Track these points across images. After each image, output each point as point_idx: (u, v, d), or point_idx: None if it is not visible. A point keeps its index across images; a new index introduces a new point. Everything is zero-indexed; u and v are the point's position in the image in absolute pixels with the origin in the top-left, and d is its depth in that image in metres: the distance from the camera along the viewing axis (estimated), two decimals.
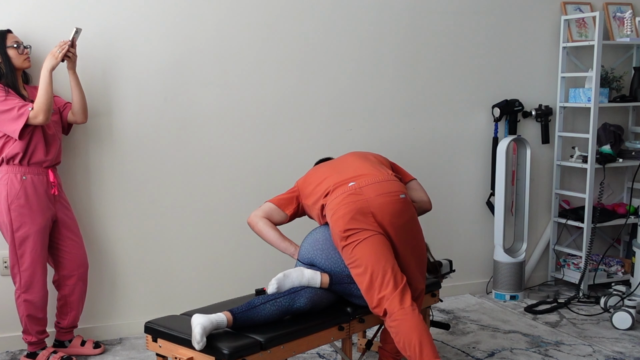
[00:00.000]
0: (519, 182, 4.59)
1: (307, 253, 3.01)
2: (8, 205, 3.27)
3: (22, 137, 3.25)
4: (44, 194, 3.36)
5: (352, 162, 3.11)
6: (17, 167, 3.30)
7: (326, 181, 3.03)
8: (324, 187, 3.02)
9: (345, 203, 2.86)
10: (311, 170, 3.23)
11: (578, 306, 4.35)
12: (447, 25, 4.37)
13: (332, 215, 2.89)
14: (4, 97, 3.22)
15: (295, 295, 2.78)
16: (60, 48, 3.29)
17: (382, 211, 2.84)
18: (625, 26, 4.59)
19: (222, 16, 3.86)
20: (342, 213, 2.85)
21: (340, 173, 3.03)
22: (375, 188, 2.89)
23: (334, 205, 2.90)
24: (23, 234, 3.30)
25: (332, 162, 3.24)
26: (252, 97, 3.97)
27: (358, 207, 2.84)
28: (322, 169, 3.17)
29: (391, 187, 2.92)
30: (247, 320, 2.66)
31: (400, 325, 2.71)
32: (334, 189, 2.96)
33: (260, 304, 2.70)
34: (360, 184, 2.91)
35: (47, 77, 3.25)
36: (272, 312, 2.71)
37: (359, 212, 2.83)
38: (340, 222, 2.83)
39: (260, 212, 3.12)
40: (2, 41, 3.29)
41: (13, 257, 3.34)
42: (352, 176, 2.98)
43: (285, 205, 3.14)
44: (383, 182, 2.92)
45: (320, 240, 3.01)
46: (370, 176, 2.95)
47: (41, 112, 3.21)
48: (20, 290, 3.35)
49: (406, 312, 2.71)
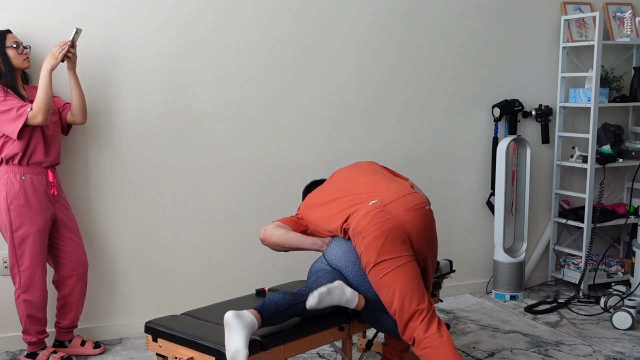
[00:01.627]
0: (519, 182, 4.59)
1: (338, 260, 2.89)
2: (7, 205, 3.27)
3: (21, 137, 3.24)
4: (43, 194, 3.35)
5: (357, 178, 2.97)
6: (16, 167, 3.30)
7: (338, 204, 2.87)
8: (338, 210, 2.84)
9: (375, 224, 2.69)
10: (311, 197, 3.06)
11: (578, 306, 4.35)
12: (447, 25, 4.37)
13: (361, 239, 2.71)
14: (3, 97, 3.22)
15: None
16: (60, 48, 3.29)
17: (414, 227, 2.74)
18: (625, 26, 4.59)
19: (222, 16, 3.86)
20: (374, 236, 2.68)
21: (352, 193, 2.86)
22: (401, 203, 2.76)
23: (361, 227, 2.71)
24: (22, 234, 3.30)
25: (331, 183, 3.06)
26: (251, 97, 3.97)
27: (390, 227, 2.68)
28: (324, 192, 3.00)
29: (416, 199, 2.80)
30: (273, 322, 2.62)
31: (430, 354, 2.66)
32: (353, 212, 2.78)
33: (289, 308, 2.63)
34: (384, 201, 2.76)
35: (47, 77, 3.24)
36: (296, 314, 2.68)
37: (392, 233, 2.68)
38: (373, 249, 2.67)
39: (271, 224, 2.99)
40: (1, 41, 3.29)
41: (12, 257, 3.33)
42: (367, 192, 2.83)
43: (294, 227, 2.98)
44: (406, 197, 2.79)
45: (354, 253, 2.86)
46: (390, 191, 2.81)
47: (40, 112, 3.21)
48: (20, 290, 3.35)
49: (433, 340, 2.65)
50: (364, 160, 3.28)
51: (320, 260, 2.98)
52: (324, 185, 3.11)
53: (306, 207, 3.04)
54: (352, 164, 3.21)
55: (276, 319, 2.61)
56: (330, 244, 2.95)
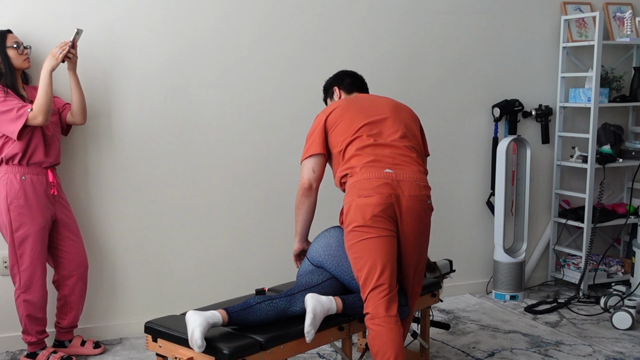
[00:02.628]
0: (519, 182, 4.59)
1: (318, 255, 2.98)
2: (7, 205, 3.27)
3: (21, 137, 3.25)
4: (43, 194, 3.35)
5: (389, 128, 2.92)
6: (16, 167, 3.30)
7: (360, 145, 2.84)
8: (355, 154, 2.84)
9: (380, 193, 2.72)
10: (342, 108, 2.95)
11: (578, 306, 4.35)
12: (447, 25, 4.37)
13: (360, 194, 2.75)
14: (3, 97, 3.22)
15: (292, 299, 2.77)
16: (61, 49, 3.28)
17: (408, 214, 2.76)
18: (625, 26, 4.59)
19: (222, 16, 3.86)
20: (375, 201, 2.71)
21: (377, 143, 2.85)
22: (411, 187, 2.77)
23: (367, 186, 2.75)
24: (22, 234, 3.30)
25: (368, 110, 2.96)
26: (251, 98, 3.97)
27: (389, 202, 2.72)
28: (356, 114, 2.92)
29: (423, 189, 2.82)
30: (242, 319, 2.65)
31: (381, 333, 2.68)
32: (364, 164, 2.80)
33: (256, 304, 2.69)
34: (398, 177, 2.78)
35: (47, 77, 3.24)
36: (268, 313, 2.70)
37: (390, 209, 2.73)
38: (369, 211, 2.70)
39: (306, 174, 2.94)
40: (2, 41, 3.29)
41: (12, 257, 3.33)
42: (389, 155, 2.82)
43: (321, 149, 2.95)
44: (419, 182, 2.81)
45: (333, 246, 2.97)
46: (409, 168, 2.81)
47: (40, 113, 3.21)
48: (20, 290, 3.35)
49: (391, 322, 2.68)
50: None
51: (304, 262, 3.07)
52: (363, 108, 2.99)
53: (336, 123, 2.94)
54: (399, 106, 3.11)
55: (246, 313, 2.65)
56: (311, 245, 3.04)
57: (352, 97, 3.19)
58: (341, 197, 2.88)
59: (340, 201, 2.89)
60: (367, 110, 2.97)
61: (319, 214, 3.10)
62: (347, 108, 2.98)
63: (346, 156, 2.87)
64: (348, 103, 3.03)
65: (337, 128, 2.92)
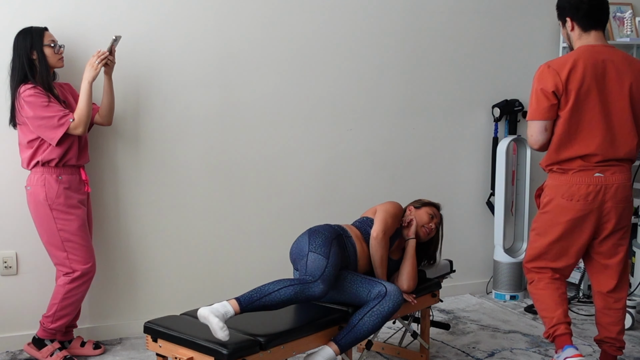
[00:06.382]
0: (519, 182, 4.59)
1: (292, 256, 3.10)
2: (49, 205, 3.29)
3: (60, 144, 3.28)
4: (79, 192, 3.39)
5: (616, 135, 2.96)
6: (52, 169, 3.32)
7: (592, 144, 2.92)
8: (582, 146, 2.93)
9: (584, 202, 2.94)
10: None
11: (578, 306, 4.35)
12: (447, 25, 4.37)
13: (570, 188, 2.94)
14: (47, 102, 3.23)
15: (308, 286, 2.79)
16: (98, 58, 3.31)
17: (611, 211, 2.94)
18: (625, 26, 4.59)
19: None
20: (579, 207, 2.93)
21: (607, 149, 2.92)
22: (614, 196, 2.94)
23: (580, 182, 2.92)
24: (68, 232, 3.32)
25: (607, 118, 2.94)
26: (250, 98, 3.96)
27: (590, 209, 2.94)
28: (597, 124, 2.93)
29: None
30: (256, 309, 2.68)
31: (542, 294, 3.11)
32: (585, 163, 2.92)
33: (273, 292, 2.71)
34: (607, 181, 2.91)
35: (88, 89, 3.29)
36: (283, 298, 2.73)
37: (591, 214, 2.95)
38: (571, 211, 2.94)
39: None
40: (39, 38, 3.29)
41: (59, 254, 3.33)
42: (603, 160, 2.91)
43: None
44: (620, 189, 2.97)
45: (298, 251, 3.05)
46: (617, 179, 2.94)
47: (82, 124, 3.27)
48: (80, 280, 3.35)
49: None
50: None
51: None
52: (603, 121, 2.99)
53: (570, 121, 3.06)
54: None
55: (260, 302, 2.69)
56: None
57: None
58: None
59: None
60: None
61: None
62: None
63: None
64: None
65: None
